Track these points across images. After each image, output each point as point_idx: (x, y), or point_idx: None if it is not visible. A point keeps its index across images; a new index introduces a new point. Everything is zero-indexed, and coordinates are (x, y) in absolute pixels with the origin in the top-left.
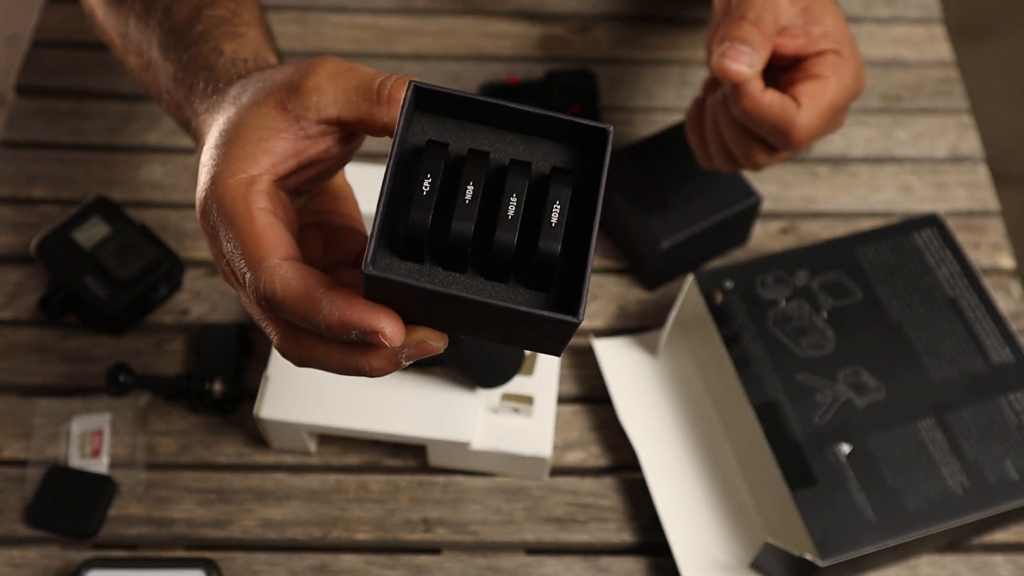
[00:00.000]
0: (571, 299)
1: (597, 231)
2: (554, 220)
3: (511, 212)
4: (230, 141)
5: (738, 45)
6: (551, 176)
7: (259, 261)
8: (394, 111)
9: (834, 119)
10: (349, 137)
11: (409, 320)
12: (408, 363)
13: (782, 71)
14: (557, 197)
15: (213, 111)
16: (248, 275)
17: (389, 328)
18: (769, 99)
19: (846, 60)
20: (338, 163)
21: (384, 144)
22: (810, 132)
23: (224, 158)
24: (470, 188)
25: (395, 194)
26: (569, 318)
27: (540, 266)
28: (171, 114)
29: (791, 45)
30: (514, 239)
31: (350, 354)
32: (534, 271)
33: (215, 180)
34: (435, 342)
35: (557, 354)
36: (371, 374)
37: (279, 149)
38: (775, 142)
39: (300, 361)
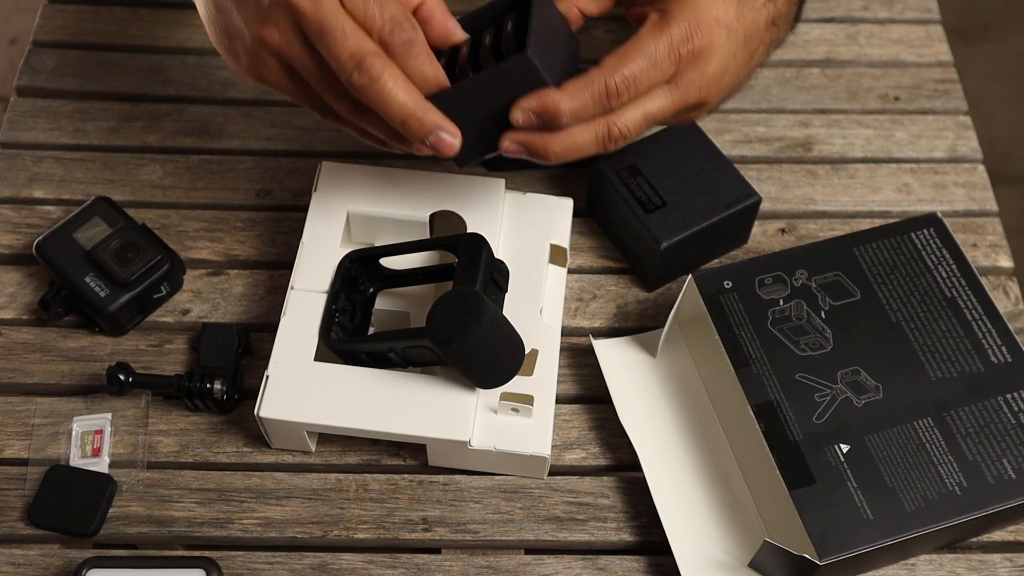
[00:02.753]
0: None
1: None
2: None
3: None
4: None
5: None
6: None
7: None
8: None
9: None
10: None
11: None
12: (426, 149)
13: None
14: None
15: None
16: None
17: (448, 130)
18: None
19: (672, 18)
20: None
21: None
22: (574, 105)
23: None
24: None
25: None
26: (520, 53)
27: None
28: None
29: None
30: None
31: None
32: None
33: None
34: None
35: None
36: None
37: None
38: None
39: (356, 128)
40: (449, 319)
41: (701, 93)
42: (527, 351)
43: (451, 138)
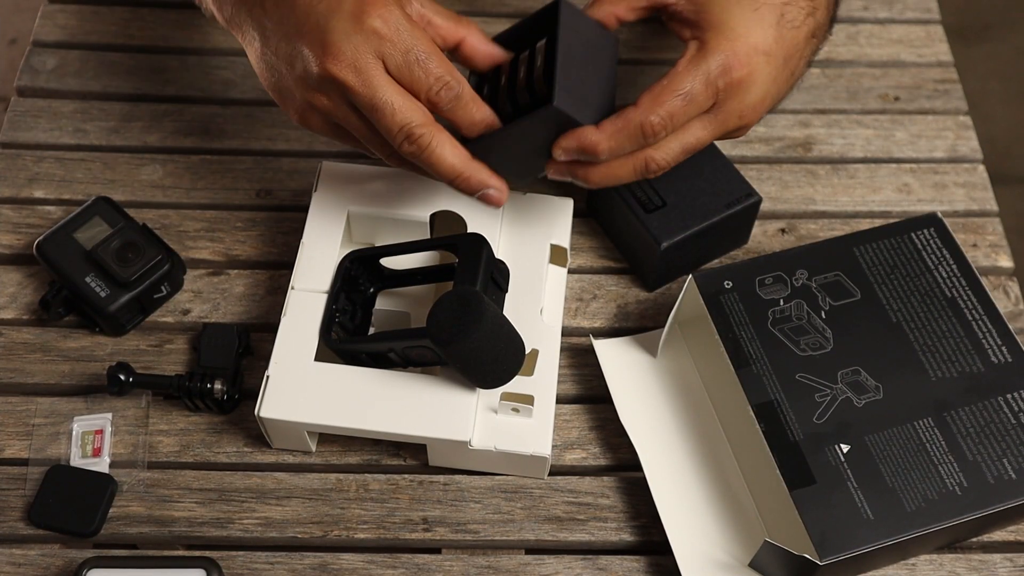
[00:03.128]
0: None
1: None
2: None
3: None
4: None
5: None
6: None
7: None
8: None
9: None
10: None
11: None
12: (476, 196)
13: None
14: (537, 55)
15: None
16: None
17: (495, 186)
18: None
19: (709, 51)
20: None
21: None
22: (609, 142)
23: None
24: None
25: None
26: (547, 105)
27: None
28: None
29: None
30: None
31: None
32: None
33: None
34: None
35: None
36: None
37: None
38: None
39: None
40: (449, 319)
41: (742, 120)
42: (527, 351)
43: (497, 193)
